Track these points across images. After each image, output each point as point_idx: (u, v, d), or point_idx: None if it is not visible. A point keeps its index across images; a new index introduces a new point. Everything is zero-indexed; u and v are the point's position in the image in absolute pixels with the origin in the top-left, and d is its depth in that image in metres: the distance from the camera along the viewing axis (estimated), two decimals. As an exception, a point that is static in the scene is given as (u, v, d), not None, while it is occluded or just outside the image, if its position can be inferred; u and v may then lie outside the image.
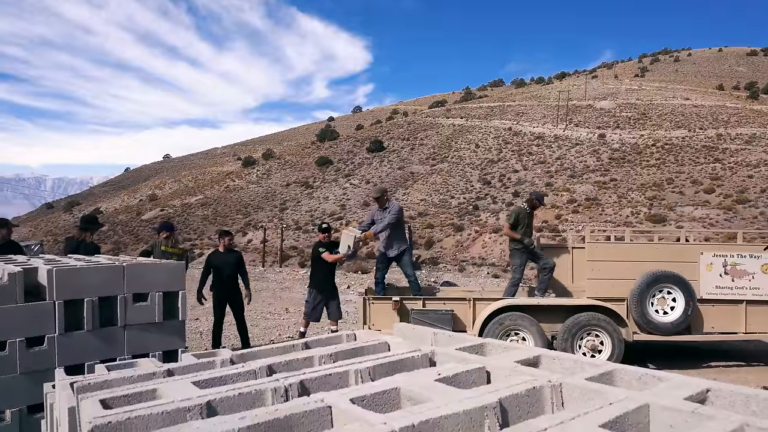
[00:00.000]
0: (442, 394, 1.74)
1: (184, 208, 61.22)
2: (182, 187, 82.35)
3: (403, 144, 72.00)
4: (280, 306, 13.87)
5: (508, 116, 79.22)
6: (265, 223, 44.06)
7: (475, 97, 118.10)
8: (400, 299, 7.61)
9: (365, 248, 36.53)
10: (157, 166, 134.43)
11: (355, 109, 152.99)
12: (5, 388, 3.74)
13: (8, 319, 3.74)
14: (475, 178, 54.34)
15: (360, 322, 7.88)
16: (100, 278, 4.06)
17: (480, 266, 29.62)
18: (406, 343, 2.58)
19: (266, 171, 74.10)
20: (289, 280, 20.51)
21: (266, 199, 59.62)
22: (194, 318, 11.15)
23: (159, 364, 2.61)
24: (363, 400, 1.70)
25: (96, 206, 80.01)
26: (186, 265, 6.86)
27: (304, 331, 8.48)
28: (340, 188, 58.24)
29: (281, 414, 1.52)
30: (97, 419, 1.47)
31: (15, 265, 4.07)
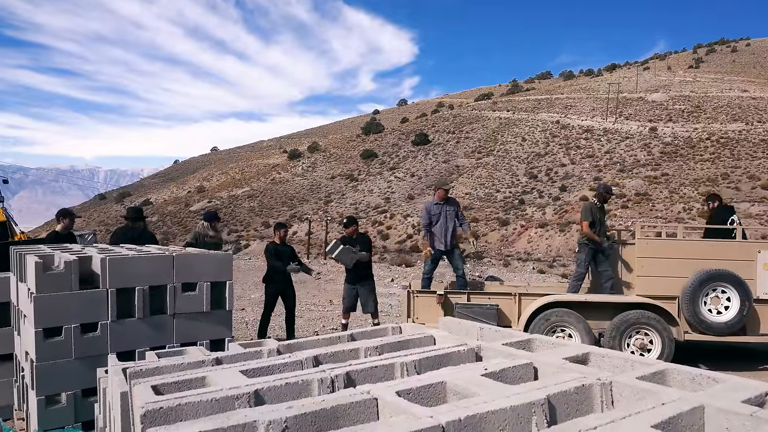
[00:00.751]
0: (488, 389, 1.73)
1: (231, 199, 62.35)
2: (229, 179, 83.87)
3: (448, 137, 71.59)
4: (324, 298, 14.01)
5: (556, 109, 77.80)
6: (310, 215, 44.51)
7: (522, 89, 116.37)
8: (445, 293, 7.58)
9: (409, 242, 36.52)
10: (205, 159, 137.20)
11: (400, 102, 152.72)
12: (61, 372, 3.88)
13: (64, 305, 3.87)
14: (521, 171, 53.65)
15: (404, 316, 7.88)
16: (150, 268, 4.16)
17: (525, 261, 29.26)
18: (451, 337, 2.57)
19: (311, 164, 74.78)
20: (334, 272, 20.68)
21: (311, 192, 60.20)
22: (240, 308, 11.36)
23: (207, 352, 2.67)
24: (409, 393, 1.70)
25: (146, 197, 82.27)
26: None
27: (346, 323, 8.51)
28: (384, 181, 58.34)
29: (328, 405, 1.53)
30: (149, 404, 1.51)
31: (71, 254, 4.20)
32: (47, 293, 3.79)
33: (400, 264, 25.43)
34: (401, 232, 41.57)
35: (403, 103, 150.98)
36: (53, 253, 4.30)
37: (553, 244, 34.09)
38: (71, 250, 4.84)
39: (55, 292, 3.83)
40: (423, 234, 8.33)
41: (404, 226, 42.26)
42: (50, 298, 3.80)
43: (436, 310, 7.47)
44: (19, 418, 4.66)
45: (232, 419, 1.38)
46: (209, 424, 1.37)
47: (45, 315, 3.79)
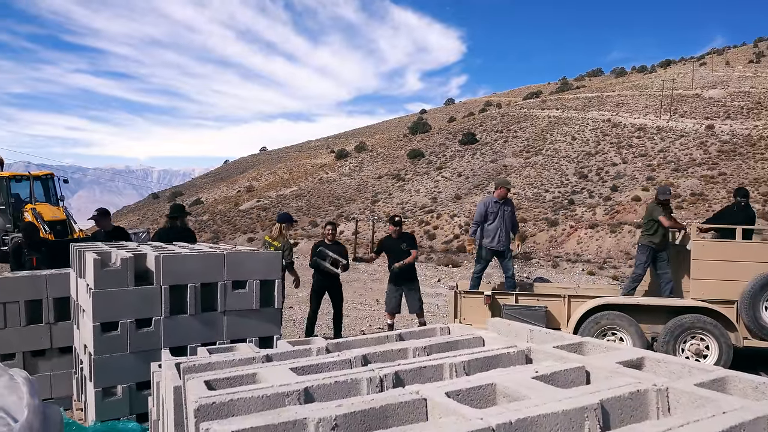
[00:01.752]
0: (539, 392, 1.70)
1: (279, 199, 63.23)
2: (278, 178, 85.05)
3: (496, 136, 70.85)
4: (370, 297, 14.07)
5: (607, 107, 76.01)
6: (357, 214, 44.75)
7: (571, 87, 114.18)
8: (492, 294, 7.50)
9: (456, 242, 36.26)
10: (254, 159, 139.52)
11: (447, 102, 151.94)
12: (117, 365, 4.00)
13: (120, 301, 3.99)
14: (570, 171, 52.65)
15: (450, 316, 7.83)
16: (202, 265, 4.25)
17: (575, 263, 28.70)
18: (501, 338, 2.54)
19: (359, 163, 75.15)
20: (380, 272, 20.72)
21: (358, 191, 60.49)
22: (288, 306, 11.50)
23: (256, 349, 2.70)
24: (458, 394, 1.69)
25: (197, 197, 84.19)
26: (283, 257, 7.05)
27: (392, 323, 8.50)
28: (431, 181, 58.16)
29: (377, 404, 1.53)
30: (202, 399, 1.54)
31: (127, 251, 4.33)
32: (104, 289, 3.92)
33: (447, 264, 25.30)
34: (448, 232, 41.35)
35: (451, 103, 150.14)
36: (110, 251, 4.44)
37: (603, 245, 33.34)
38: (127, 247, 4.99)
39: (112, 288, 3.96)
40: (471, 230, 8.23)
41: (451, 226, 42.03)
42: (107, 294, 3.93)
43: (484, 311, 7.40)
44: (78, 408, 4.83)
45: (282, 416, 1.40)
46: (260, 420, 1.39)
47: (102, 310, 3.92)
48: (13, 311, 5.09)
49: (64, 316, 5.28)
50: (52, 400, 5.05)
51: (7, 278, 5.32)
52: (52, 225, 17.47)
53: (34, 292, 5.20)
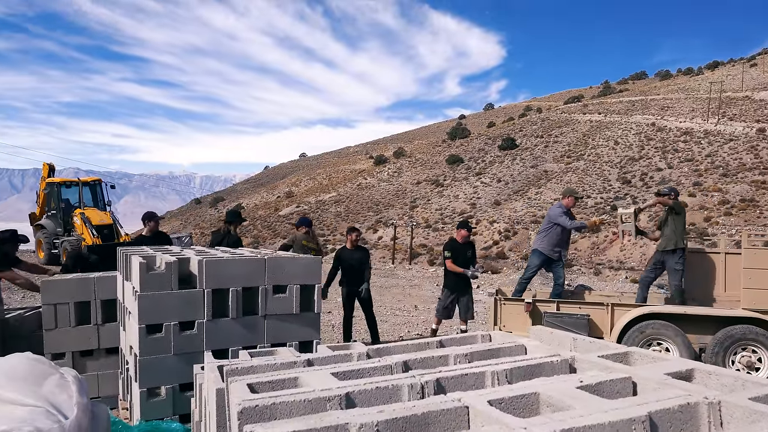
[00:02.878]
0: (584, 402, 1.66)
1: (318, 204, 63.75)
2: (317, 184, 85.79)
3: (536, 141, 70.07)
4: (409, 303, 14.03)
5: (652, 111, 74.37)
6: (396, 220, 44.75)
7: (614, 91, 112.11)
8: (533, 301, 7.39)
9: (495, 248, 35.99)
10: (293, 165, 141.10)
11: (486, 107, 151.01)
12: (161, 366, 4.08)
13: (164, 304, 4.08)
14: (613, 176, 51.66)
15: (490, 323, 7.75)
16: (244, 270, 4.31)
17: (617, 270, 28.12)
18: (543, 347, 2.50)
19: (397, 169, 75.24)
20: (419, 278, 20.68)
21: (397, 197, 60.55)
22: (327, 311, 11.56)
23: (297, 353, 2.72)
24: (501, 403, 1.66)
25: (238, 202, 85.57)
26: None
27: (436, 328, 8.48)
28: (470, 186, 57.81)
29: (418, 410, 1.52)
30: (245, 402, 1.56)
31: (171, 255, 4.42)
32: (150, 292, 4.01)
33: (486, 270, 25.10)
34: (487, 238, 41.03)
35: (490, 108, 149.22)
36: (155, 255, 4.54)
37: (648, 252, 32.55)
38: (171, 251, 5.09)
39: (157, 291, 4.04)
40: (578, 225, 8.13)
41: (490, 232, 41.69)
42: (152, 297, 4.02)
43: (524, 319, 7.30)
44: (124, 407, 4.95)
45: (324, 420, 1.40)
46: (302, 424, 1.40)
47: (147, 312, 4.00)
48: (63, 312, 5.25)
49: (111, 317, 5.42)
50: (99, 399, 5.17)
51: (58, 280, 5.49)
52: (99, 229, 17.96)
53: (83, 294, 5.35)
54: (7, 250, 6.45)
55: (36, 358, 2.71)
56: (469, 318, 8.30)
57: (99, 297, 5.39)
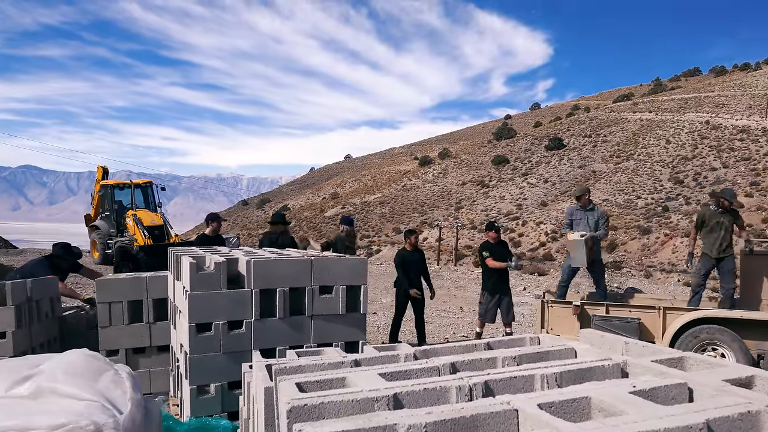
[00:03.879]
0: (638, 408, 1.62)
1: (363, 205, 64.02)
2: (361, 185, 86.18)
3: (584, 141, 68.72)
4: (454, 304, 13.95)
5: (705, 108, 72.01)
6: (441, 221, 44.57)
7: (666, 88, 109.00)
8: (582, 304, 7.25)
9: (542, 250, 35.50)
10: (338, 166, 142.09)
11: (533, 106, 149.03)
12: (210, 365, 4.17)
13: (214, 303, 4.16)
14: (665, 176, 50.23)
15: (536, 326, 7.64)
16: (291, 270, 4.36)
17: (669, 273, 27.31)
18: (593, 350, 2.44)
19: (442, 170, 74.94)
20: (464, 279, 20.55)
21: (442, 198, 60.30)
22: (372, 312, 11.60)
23: (343, 353, 2.73)
24: (551, 407, 1.63)
25: (284, 203, 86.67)
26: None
27: (480, 331, 8.43)
28: (516, 187, 57.13)
29: (467, 413, 1.51)
30: (294, 401, 1.57)
31: (220, 256, 4.51)
32: (199, 291, 4.09)
33: (533, 272, 24.75)
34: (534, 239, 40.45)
35: (536, 107, 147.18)
36: (204, 255, 4.64)
37: (701, 254, 31.65)
38: (220, 252, 5.19)
39: (206, 291, 4.12)
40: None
41: (537, 234, 41.09)
42: (202, 296, 4.10)
43: (572, 322, 7.17)
44: (174, 404, 5.06)
45: (373, 421, 1.40)
46: (351, 423, 1.40)
47: (197, 311, 4.09)
48: (117, 310, 5.41)
49: (162, 316, 5.56)
50: (151, 395, 5.31)
51: (112, 279, 5.66)
52: (150, 230, 18.48)
53: (136, 293, 5.51)
54: (58, 263, 6.68)
55: (92, 355, 2.80)
56: (511, 320, 8.22)
57: (151, 296, 5.54)
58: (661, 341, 6.76)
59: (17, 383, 2.38)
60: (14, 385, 2.37)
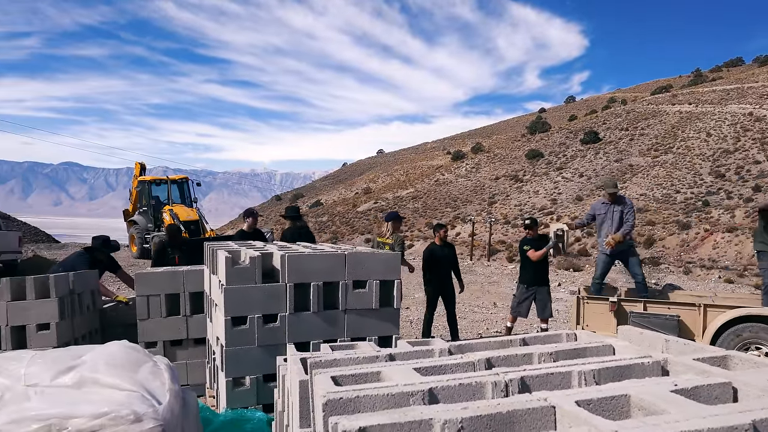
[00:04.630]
0: (680, 407, 1.57)
1: (395, 200, 63.99)
2: (394, 180, 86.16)
3: (621, 134, 67.45)
4: (487, 300, 13.86)
5: (749, 100, 69.89)
6: (474, 216, 44.31)
7: (707, 80, 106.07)
8: (618, 300, 7.12)
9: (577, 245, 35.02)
10: (371, 161, 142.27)
11: (568, 99, 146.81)
12: (245, 357, 4.22)
13: (249, 297, 4.20)
14: (705, 170, 49.01)
15: (572, 322, 7.54)
16: (324, 265, 4.38)
17: (710, 269, 26.66)
18: (632, 347, 2.39)
19: (475, 164, 74.45)
20: (497, 274, 20.40)
21: (475, 193, 59.93)
22: (405, 307, 11.60)
23: (377, 348, 2.73)
24: (589, 404, 1.60)
25: (317, 198, 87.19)
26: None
27: (511, 326, 8.34)
28: (551, 182, 56.42)
29: (503, 408, 1.49)
30: (330, 394, 1.58)
31: (255, 250, 4.55)
32: (235, 285, 4.14)
33: (568, 268, 24.43)
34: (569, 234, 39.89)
35: (571, 100, 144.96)
36: (240, 249, 4.69)
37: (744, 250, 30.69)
38: (255, 246, 5.24)
39: (242, 285, 4.17)
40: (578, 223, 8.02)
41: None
42: (237, 290, 4.15)
43: (608, 318, 7.05)
44: (210, 395, 5.15)
45: (408, 415, 1.39)
46: (386, 417, 1.40)
47: (233, 305, 4.14)
48: (155, 303, 5.52)
49: (198, 309, 5.65)
50: (188, 386, 5.41)
51: (150, 273, 5.77)
52: (186, 225, 18.81)
53: (173, 287, 5.61)
54: (97, 256, 6.86)
55: (132, 346, 2.86)
56: (547, 316, 8.08)
57: (188, 289, 5.64)
58: (701, 339, 6.60)
59: (61, 373, 2.45)
60: (59, 374, 2.44)
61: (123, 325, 6.31)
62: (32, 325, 5.22)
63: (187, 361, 5.70)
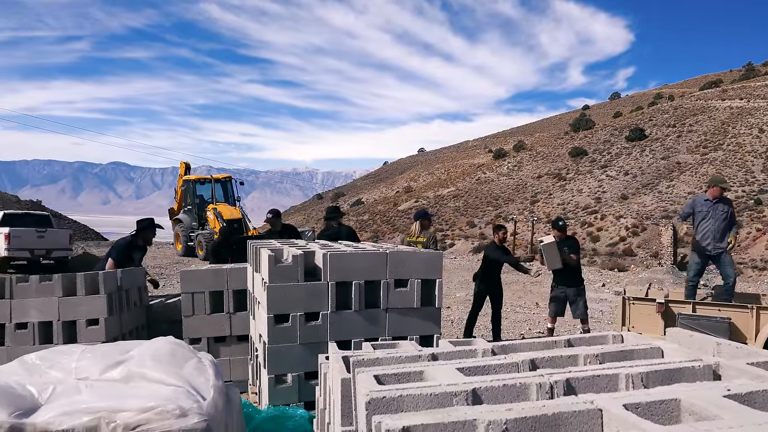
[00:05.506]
0: (733, 412, 1.52)
1: (436, 199, 63.81)
2: (435, 179, 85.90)
3: (668, 131, 65.76)
4: (530, 300, 13.69)
5: (804, 95, 67.35)
6: (516, 215, 43.84)
7: (759, 74, 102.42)
8: (665, 302, 6.94)
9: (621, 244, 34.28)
10: (412, 160, 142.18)
11: (612, 96, 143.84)
12: (288, 355, 4.25)
13: (291, 295, 4.24)
14: (757, 167, 47.38)
15: (617, 323, 7.38)
16: (366, 263, 4.38)
17: (762, 270, 25.75)
18: (682, 350, 2.32)
19: (517, 163, 73.64)
20: (540, 274, 20.12)
21: (517, 192, 59.29)
22: (446, 306, 11.55)
23: (419, 347, 2.72)
24: (637, 408, 1.56)
25: (358, 197, 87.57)
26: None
27: (552, 327, 8.17)
28: (595, 180, 55.40)
29: (548, 410, 1.46)
30: (373, 393, 1.57)
31: (297, 249, 4.59)
32: (278, 283, 4.18)
33: (612, 268, 23.94)
34: (613, 234, 39.10)
35: (616, 97, 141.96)
36: (282, 248, 4.74)
37: (798, 251, 29.56)
38: (297, 245, 5.29)
39: (284, 283, 4.21)
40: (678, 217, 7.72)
41: (616, 228, 39.69)
42: (280, 288, 4.19)
43: (655, 320, 6.87)
44: (253, 392, 5.22)
45: (452, 415, 1.38)
46: (430, 417, 1.38)
47: (276, 303, 4.18)
48: (199, 300, 5.62)
49: (241, 306, 5.73)
50: (231, 382, 5.49)
51: (195, 271, 5.89)
52: (229, 223, 19.13)
53: (217, 284, 5.71)
54: (135, 242, 7.14)
55: (177, 342, 2.91)
56: (581, 317, 7.87)
57: (231, 287, 5.72)
58: (754, 343, 6.38)
59: (110, 367, 2.52)
60: (107, 369, 2.51)
61: (168, 321, 6.45)
62: (82, 321, 5.39)
63: (230, 358, 5.79)
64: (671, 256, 23.82)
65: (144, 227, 7.19)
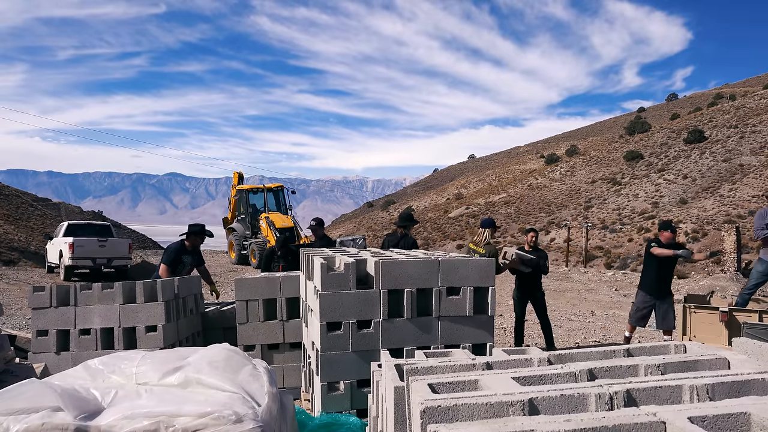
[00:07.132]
0: (809, 428, 1.44)
1: (487, 206, 63.21)
2: (486, 185, 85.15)
3: (729, 132, 63.34)
4: (585, 308, 13.38)
5: None
6: (569, 221, 43.00)
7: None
8: (730, 310, 6.66)
9: (681, 250, 33.18)
10: (462, 166, 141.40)
11: (669, 97, 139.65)
12: (340, 362, 4.27)
13: (344, 303, 4.25)
14: (827, 170, 45.13)
15: (678, 332, 7.13)
16: (418, 271, 4.36)
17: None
18: (750, 361, 2.21)
19: (570, 168, 72.28)
20: (595, 281, 19.64)
21: (570, 197, 58.17)
22: (499, 314, 11.40)
23: (472, 356, 2.68)
24: (704, 421, 1.49)
25: (408, 205, 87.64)
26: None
27: (629, 336, 7.82)
28: (651, 184, 53.83)
29: (609, 422, 1.41)
30: (428, 401, 1.56)
31: (349, 257, 4.61)
32: (330, 291, 4.21)
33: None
34: (671, 240, 37.83)
35: (673, 98, 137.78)
36: (335, 256, 4.77)
37: None
38: (349, 253, 5.31)
39: (336, 291, 4.23)
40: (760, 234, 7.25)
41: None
42: (332, 296, 4.21)
43: (718, 329, 6.61)
44: (306, 399, 5.25)
45: (509, 425, 1.35)
46: (486, 427, 1.36)
47: (328, 310, 4.20)
48: (253, 308, 5.72)
49: (294, 314, 5.80)
50: (284, 389, 5.55)
51: (249, 279, 5.99)
52: (281, 232, 19.43)
53: (270, 292, 5.79)
54: (194, 241, 7.43)
55: (232, 349, 2.96)
56: (667, 328, 7.39)
57: (284, 295, 5.80)
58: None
59: (168, 373, 2.58)
60: (166, 375, 2.57)
61: (223, 328, 6.58)
62: (141, 327, 5.56)
63: (284, 365, 5.85)
64: (735, 263, 22.92)
65: (192, 232, 7.45)
